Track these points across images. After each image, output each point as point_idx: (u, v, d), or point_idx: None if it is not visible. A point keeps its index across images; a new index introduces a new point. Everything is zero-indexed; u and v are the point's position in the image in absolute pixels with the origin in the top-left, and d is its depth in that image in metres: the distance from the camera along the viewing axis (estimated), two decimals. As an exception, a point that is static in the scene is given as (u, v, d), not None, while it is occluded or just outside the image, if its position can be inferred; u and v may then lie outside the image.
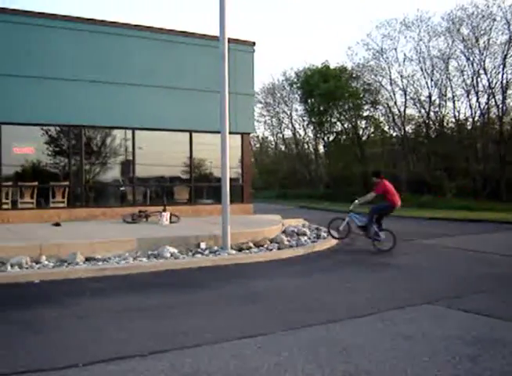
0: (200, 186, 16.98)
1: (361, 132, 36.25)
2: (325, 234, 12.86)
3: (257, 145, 47.53)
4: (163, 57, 15.68)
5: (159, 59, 15.58)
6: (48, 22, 14.06)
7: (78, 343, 5.04)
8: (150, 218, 13.98)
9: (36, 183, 14.30)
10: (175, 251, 10.00)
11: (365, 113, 34.92)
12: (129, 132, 15.53)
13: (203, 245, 10.61)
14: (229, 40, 10.93)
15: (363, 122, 35.92)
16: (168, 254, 9.75)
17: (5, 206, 13.75)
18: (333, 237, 12.16)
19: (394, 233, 11.04)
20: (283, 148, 46.69)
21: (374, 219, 11.40)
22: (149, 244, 10.24)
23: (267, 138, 48.39)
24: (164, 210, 13.66)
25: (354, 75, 33.96)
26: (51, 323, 5.75)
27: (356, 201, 11.76)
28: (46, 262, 8.95)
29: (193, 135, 16.37)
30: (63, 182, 14.75)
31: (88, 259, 9.23)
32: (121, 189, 16.13)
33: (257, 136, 45.90)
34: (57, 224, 12.93)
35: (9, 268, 8.40)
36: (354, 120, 35.57)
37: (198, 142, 16.51)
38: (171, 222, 13.61)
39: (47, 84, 13.94)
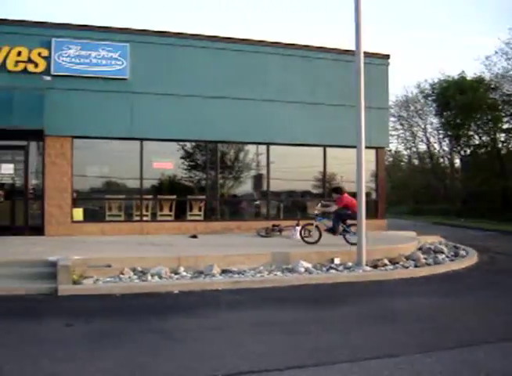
0: (333, 200, 17.18)
1: (500, 145, 34.44)
2: (463, 252, 12.55)
3: (390, 159, 46.97)
4: (297, 72, 16.14)
5: (293, 75, 16.06)
6: (187, 41, 15.14)
7: (217, 354, 5.28)
8: (284, 232, 14.41)
9: (174, 197, 15.34)
10: (309, 265, 10.15)
11: (504, 126, 33.34)
12: (262, 147, 16.20)
13: (337, 261, 10.67)
14: (364, 54, 10.96)
15: (503, 135, 34.24)
16: (302, 269, 9.91)
17: (145, 218, 14.95)
18: (306, 242, 12.51)
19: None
20: (416, 162, 45.87)
21: (339, 221, 12.50)
22: (283, 258, 10.52)
23: (400, 152, 47.66)
24: (298, 224, 14.02)
25: (492, 86, 32.67)
26: (190, 333, 6.08)
27: (320, 209, 13.11)
28: (184, 273, 9.50)
29: (327, 149, 16.72)
30: (200, 196, 15.68)
31: (224, 271, 9.66)
32: (255, 203, 16.79)
33: (390, 150, 45.48)
34: (194, 236, 13.82)
35: (149, 278, 9.07)
36: (492, 133, 34.03)
37: (331, 156, 16.77)
38: (304, 237, 14.00)
39: (186, 101, 14.99)
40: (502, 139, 34.53)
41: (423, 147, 43.29)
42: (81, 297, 8.13)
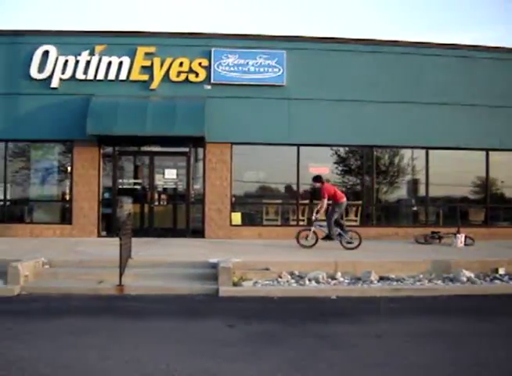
0: (496, 208, 16.87)
1: None
2: None
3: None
4: (455, 73, 15.98)
5: (451, 76, 15.93)
6: (342, 46, 15.75)
7: (378, 363, 5.49)
8: (443, 239, 14.42)
9: (330, 202, 16.09)
10: (472, 275, 10.07)
11: None
12: (418, 151, 16.24)
13: (501, 271, 10.47)
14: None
15: None
16: (464, 279, 9.88)
17: (301, 223, 15.68)
18: (303, 246, 12.88)
19: (359, 233, 13.06)
20: None
21: (333, 224, 12.90)
22: (444, 266, 10.56)
23: None
24: (458, 232, 14.00)
25: None
26: (349, 340, 6.34)
27: (317, 216, 13.19)
28: (341, 279, 9.93)
29: (490, 153, 16.40)
30: (356, 201, 16.08)
31: (381, 278, 9.96)
32: (413, 209, 16.88)
33: None
34: None
35: (306, 282, 9.62)
36: None
37: (494, 160, 16.44)
38: (465, 245, 13.89)
39: (341, 106, 15.53)
40: None
41: None
42: (240, 298, 8.78)
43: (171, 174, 15.56)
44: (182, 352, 5.87)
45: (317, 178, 13.56)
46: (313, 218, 13.48)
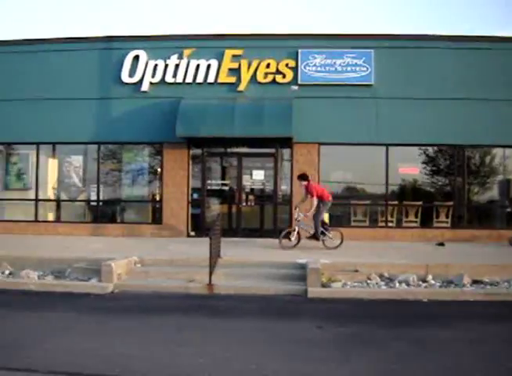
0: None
1: None
2: None
3: None
4: None
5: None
6: (429, 43, 15.91)
7: (474, 369, 5.54)
8: (541, 242, 14.32)
9: (420, 203, 16.13)
10: None
11: None
12: (511, 150, 16.21)
13: None
14: None
15: None
16: None
17: (389, 224, 15.99)
18: (283, 247, 13.02)
19: (341, 232, 13.41)
20: None
21: (320, 224, 12.99)
22: None
23: None
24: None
25: None
26: (443, 345, 6.37)
27: (301, 214, 13.35)
28: (432, 282, 10.06)
29: None
30: (447, 203, 16.16)
31: (475, 282, 9.98)
32: (507, 210, 16.72)
33: None
34: (441, 244, 14.40)
35: (396, 284, 9.83)
36: None
37: None
38: None
39: (430, 104, 15.69)
40: None
41: None
42: (329, 300, 9.09)
43: (258, 175, 16.26)
44: (272, 352, 6.12)
45: (303, 177, 13.73)
46: (296, 216, 13.68)
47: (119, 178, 17.27)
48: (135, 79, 16.39)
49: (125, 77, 16.40)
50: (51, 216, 17.39)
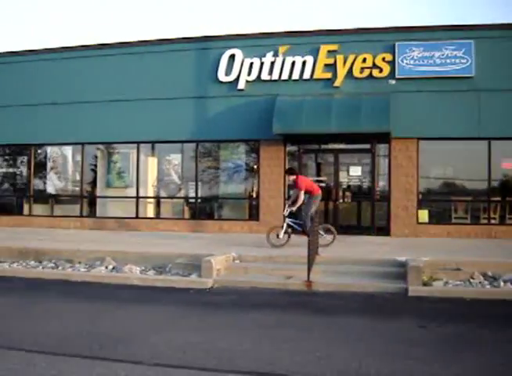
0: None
1: None
2: None
3: None
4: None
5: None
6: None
7: None
8: None
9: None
10: None
11: None
12: None
13: None
14: None
15: None
16: None
17: (493, 221, 15.91)
18: (273, 246, 12.97)
19: (333, 228, 13.36)
20: None
21: (310, 219, 12.41)
22: None
23: None
24: None
25: None
26: None
27: (288, 209, 13.23)
28: None
29: None
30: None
31: None
32: None
33: None
34: None
35: (501, 284, 9.73)
36: None
37: None
38: None
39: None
40: None
41: None
42: (430, 299, 9.05)
43: (355, 171, 16.68)
44: (374, 351, 6.13)
45: (291, 171, 14.01)
46: (285, 212, 13.58)
47: (216, 175, 18.18)
48: (232, 78, 17.19)
49: (222, 76, 17.26)
50: (151, 213, 18.57)
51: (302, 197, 13.13)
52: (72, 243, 13.23)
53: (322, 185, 16.55)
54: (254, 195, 17.54)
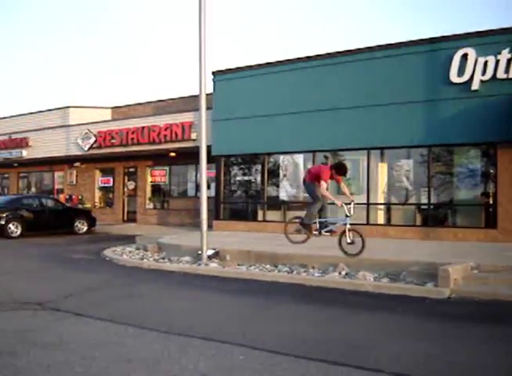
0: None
1: None
2: None
3: None
4: None
5: None
6: None
7: None
8: None
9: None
10: None
11: None
12: None
13: None
14: None
15: None
16: None
17: None
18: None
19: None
20: None
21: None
22: None
23: None
24: None
25: None
26: None
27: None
28: None
29: None
30: None
31: None
32: None
33: None
34: None
35: None
36: None
37: None
38: None
39: None
40: None
41: None
42: None
43: None
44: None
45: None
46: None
47: (448, 180, 17.95)
48: (464, 78, 16.84)
49: (453, 77, 16.99)
50: (381, 219, 18.89)
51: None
52: (305, 248, 13.98)
53: None
54: (491, 201, 16.89)
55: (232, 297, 10.33)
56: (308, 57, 20.17)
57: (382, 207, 18.91)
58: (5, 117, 35.97)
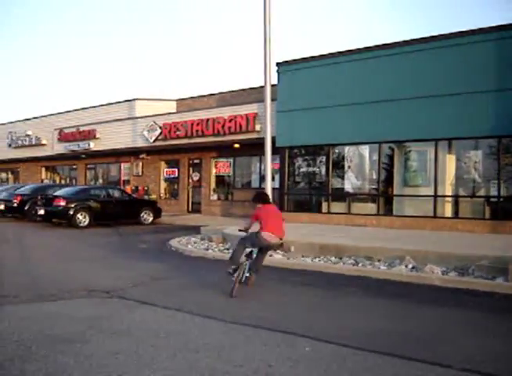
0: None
1: None
2: None
3: None
4: None
5: None
6: None
7: None
8: None
9: None
10: None
11: None
12: None
13: None
14: None
15: None
16: None
17: None
18: None
19: None
20: None
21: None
22: None
23: None
24: None
25: None
26: None
27: None
28: None
29: None
30: None
31: None
32: None
33: None
34: None
35: None
36: None
37: None
38: None
39: None
40: None
41: None
42: None
43: None
44: None
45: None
46: None
47: (516, 173, 17.56)
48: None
49: (525, 65, 16.57)
50: (448, 212, 18.67)
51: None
52: (370, 240, 13.97)
53: None
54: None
55: (297, 288, 10.51)
56: (377, 46, 20.08)
57: (450, 199, 18.68)
58: (73, 110, 37.19)
